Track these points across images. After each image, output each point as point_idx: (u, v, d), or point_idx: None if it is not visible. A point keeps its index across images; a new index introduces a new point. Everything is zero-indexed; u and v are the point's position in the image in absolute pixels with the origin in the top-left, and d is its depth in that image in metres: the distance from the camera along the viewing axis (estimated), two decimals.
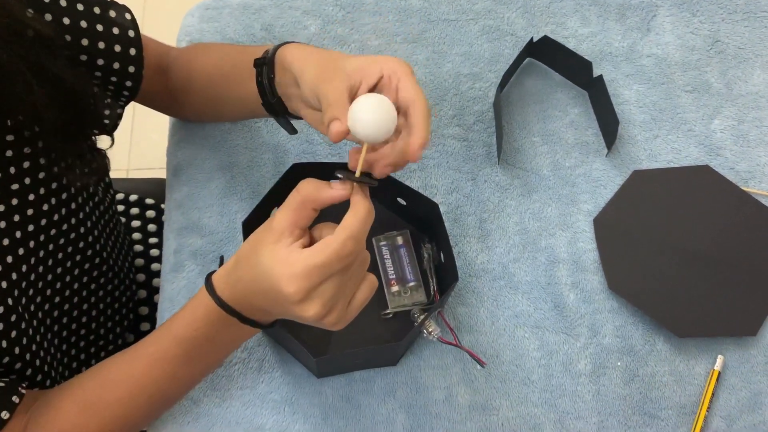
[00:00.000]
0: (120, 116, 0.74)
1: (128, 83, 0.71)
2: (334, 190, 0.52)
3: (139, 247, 0.97)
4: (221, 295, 0.56)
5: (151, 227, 0.98)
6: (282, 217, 0.52)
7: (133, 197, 1.00)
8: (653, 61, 0.91)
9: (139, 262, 0.96)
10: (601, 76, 0.84)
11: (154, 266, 0.96)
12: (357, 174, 0.53)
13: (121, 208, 0.99)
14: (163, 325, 0.61)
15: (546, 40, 0.86)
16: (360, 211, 0.51)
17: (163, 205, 0.99)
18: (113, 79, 0.70)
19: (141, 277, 0.95)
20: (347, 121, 0.52)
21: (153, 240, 0.97)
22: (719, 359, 0.74)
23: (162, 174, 0.88)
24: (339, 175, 0.53)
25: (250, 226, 0.69)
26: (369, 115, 0.51)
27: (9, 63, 0.54)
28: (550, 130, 0.86)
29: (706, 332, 0.75)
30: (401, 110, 0.55)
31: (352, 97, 0.55)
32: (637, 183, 0.82)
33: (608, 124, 0.84)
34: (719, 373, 0.73)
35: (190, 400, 0.70)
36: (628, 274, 0.77)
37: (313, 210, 0.53)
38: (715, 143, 0.86)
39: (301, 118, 0.66)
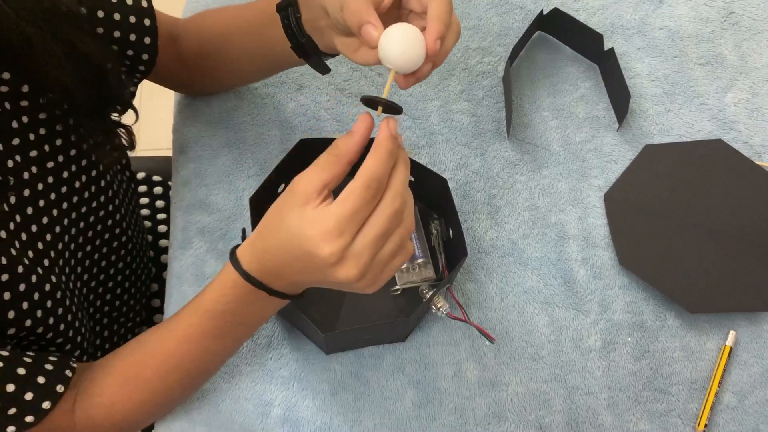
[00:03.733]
0: (133, 94, 0.73)
1: (144, 56, 0.71)
2: (356, 133, 0.50)
3: (147, 223, 0.97)
4: (248, 269, 0.55)
5: (159, 203, 0.99)
6: (310, 177, 0.50)
7: (141, 175, 1.00)
8: (666, 34, 0.89)
9: (148, 238, 0.96)
10: (612, 49, 0.83)
11: (162, 242, 0.96)
12: (384, 96, 0.52)
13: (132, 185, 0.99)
14: (194, 299, 0.60)
15: (556, 13, 0.85)
16: (379, 150, 0.49)
17: (170, 182, 0.99)
18: (129, 52, 0.69)
19: (150, 253, 0.95)
20: (379, 27, 0.51)
21: (161, 216, 0.97)
22: (731, 335, 0.73)
23: (169, 153, 0.88)
24: (365, 100, 0.52)
25: (257, 202, 0.68)
26: (399, 45, 0.51)
27: (39, 39, 0.54)
28: (561, 105, 0.85)
29: (717, 308, 0.74)
30: (424, 11, 0.53)
31: (378, 3, 0.53)
32: (648, 158, 0.81)
33: (619, 98, 0.83)
34: (731, 348, 0.72)
35: None
36: (639, 249, 0.76)
37: (348, 165, 0.51)
38: (728, 117, 0.84)
39: (333, 56, 0.65)
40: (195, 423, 0.68)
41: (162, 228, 0.97)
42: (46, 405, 0.57)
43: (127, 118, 0.69)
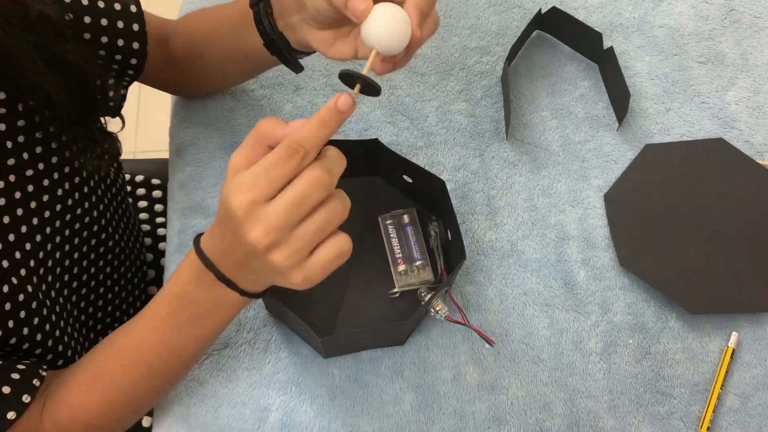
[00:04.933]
0: (124, 97, 0.73)
1: (133, 60, 0.70)
2: (290, 127, 0.49)
3: (146, 227, 0.96)
4: (203, 247, 0.54)
5: (158, 207, 0.98)
6: (237, 155, 0.50)
7: (139, 178, 1.00)
8: (665, 32, 0.88)
9: (147, 241, 0.95)
10: (611, 48, 0.82)
11: (161, 245, 0.95)
12: (365, 71, 0.51)
13: (127, 188, 0.98)
14: (159, 290, 0.60)
15: (555, 12, 0.84)
16: (313, 117, 0.48)
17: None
18: (117, 57, 0.69)
19: (149, 256, 0.95)
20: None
21: (160, 219, 0.97)
22: (733, 336, 0.72)
23: (168, 155, 0.88)
24: (343, 74, 0.51)
25: None
26: (385, 23, 0.50)
27: (17, 47, 0.54)
28: (560, 104, 0.84)
29: (719, 309, 0.73)
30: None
31: None
32: (649, 157, 0.80)
33: (619, 97, 0.82)
34: (733, 350, 0.72)
35: (195, 381, 0.70)
36: (640, 250, 0.75)
37: (268, 147, 0.50)
38: (729, 115, 0.84)
39: (307, 54, 0.65)
40: (192, 428, 0.68)
41: (161, 231, 0.96)
42: (11, 415, 0.57)
43: (116, 124, 0.69)
